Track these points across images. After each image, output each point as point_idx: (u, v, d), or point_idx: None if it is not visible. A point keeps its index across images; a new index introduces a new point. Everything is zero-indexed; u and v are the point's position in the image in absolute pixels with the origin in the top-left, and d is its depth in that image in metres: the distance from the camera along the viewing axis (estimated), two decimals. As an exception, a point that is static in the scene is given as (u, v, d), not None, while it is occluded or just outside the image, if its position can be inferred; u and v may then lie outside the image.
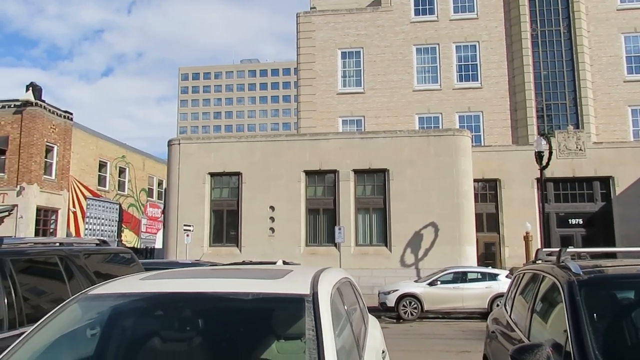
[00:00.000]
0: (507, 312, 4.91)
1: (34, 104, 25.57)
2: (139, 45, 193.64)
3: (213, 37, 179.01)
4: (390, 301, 15.49)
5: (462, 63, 27.91)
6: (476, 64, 27.75)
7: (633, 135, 26.20)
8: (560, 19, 27.34)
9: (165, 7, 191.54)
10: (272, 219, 21.45)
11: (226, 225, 22.15)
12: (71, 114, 28.13)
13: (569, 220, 23.15)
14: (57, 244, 5.66)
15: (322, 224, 21.66)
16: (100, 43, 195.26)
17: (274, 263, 5.47)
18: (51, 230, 26.75)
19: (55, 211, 27.05)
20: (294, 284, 3.02)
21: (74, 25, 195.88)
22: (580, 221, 23.06)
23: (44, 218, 26.45)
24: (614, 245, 21.11)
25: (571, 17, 27.05)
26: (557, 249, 4.07)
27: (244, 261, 13.41)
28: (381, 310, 15.51)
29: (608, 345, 2.98)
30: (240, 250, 21.28)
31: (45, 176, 26.19)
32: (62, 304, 3.00)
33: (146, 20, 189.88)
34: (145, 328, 3.04)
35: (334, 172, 21.65)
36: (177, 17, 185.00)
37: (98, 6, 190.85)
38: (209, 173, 22.34)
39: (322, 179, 21.95)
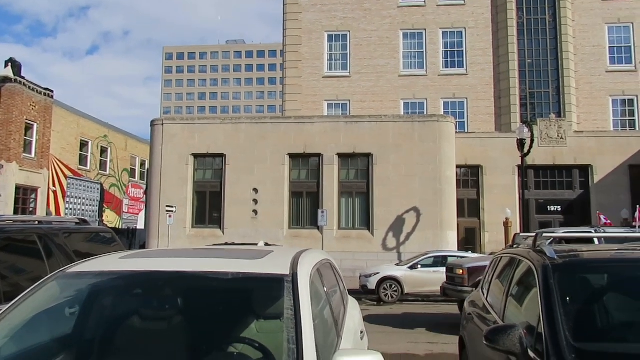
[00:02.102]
0: (483, 295, 5.01)
1: (13, 80, 24.97)
2: (126, 24, 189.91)
3: (202, 18, 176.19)
4: (372, 284, 15.67)
5: (449, 49, 27.93)
6: (462, 51, 27.80)
7: (613, 124, 26.62)
8: (546, 8, 27.46)
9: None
10: (256, 201, 21.43)
11: (209, 206, 22.07)
12: (52, 91, 27.56)
13: (548, 207, 23.54)
14: (37, 223, 5.59)
15: (306, 207, 21.71)
16: (85, 20, 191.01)
17: (256, 245, 5.46)
18: (31, 210, 26.37)
19: (34, 190, 26.65)
20: (274, 265, 3.03)
21: (59, 1, 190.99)
22: (559, 208, 23.48)
23: (24, 197, 26.05)
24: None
25: (557, 6, 27.18)
26: (534, 234, 4.15)
27: (226, 242, 13.42)
28: (362, 293, 15.68)
29: (579, 327, 3.06)
30: (223, 232, 21.25)
31: (24, 154, 25.71)
32: (39, 282, 2.98)
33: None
34: (124, 307, 3.03)
35: (319, 155, 21.65)
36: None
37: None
38: (193, 154, 22.17)
39: (306, 162, 21.94)
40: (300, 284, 2.72)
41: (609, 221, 17.60)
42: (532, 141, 19.40)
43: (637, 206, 18.41)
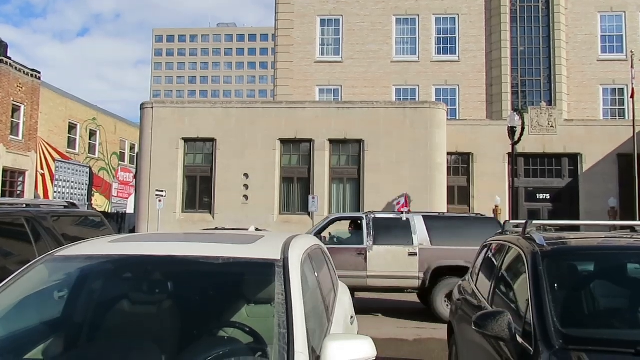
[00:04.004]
0: (473, 281, 5.05)
1: (-1, 60, 24.54)
2: (118, 6, 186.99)
3: (195, 0, 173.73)
4: (361, 270, 15.74)
5: (441, 35, 27.83)
6: (455, 37, 27.71)
7: (603, 113, 26.78)
8: (540, -5, 27.38)
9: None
10: (246, 186, 21.37)
11: (199, 191, 21.98)
12: (39, 72, 27.15)
13: (537, 195, 23.74)
14: (24, 205, 5.53)
15: (297, 192, 21.70)
16: (77, 1, 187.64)
17: (247, 230, 5.46)
18: (18, 193, 26.12)
19: (22, 173, 26.37)
20: (265, 249, 3.03)
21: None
22: (548, 196, 23.68)
23: (11, 180, 25.77)
24: (578, 221, 21.81)
25: (550, -7, 27.12)
26: (524, 221, 4.18)
27: (216, 227, 13.39)
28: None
29: (566, 313, 3.11)
30: (214, 217, 21.21)
31: (11, 136, 25.39)
32: (27, 265, 2.95)
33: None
34: (114, 290, 3.02)
35: (310, 141, 21.59)
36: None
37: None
38: (183, 138, 22.00)
39: (297, 148, 21.88)
40: (291, 268, 2.72)
41: (407, 207, 17.35)
42: (522, 129, 19.50)
43: (404, 193, 18.49)
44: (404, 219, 10.33)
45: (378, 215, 10.61)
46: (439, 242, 10.00)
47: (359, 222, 10.53)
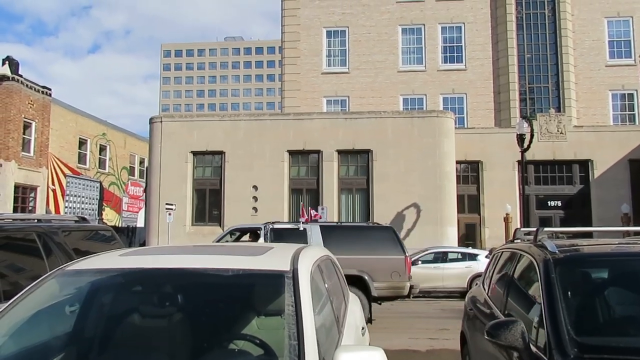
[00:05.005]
0: (484, 290, 5.00)
1: (10, 78, 24.91)
2: (128, 22, 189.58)
3: (203, 15, 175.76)
4: (372, 280, 15.66)
5: (448, 44, 27.87)
6: (461, 46, 27.73)
7: (612, 119, 26.59)
8: (545, 2, 27.39)
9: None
10: (255, 198, 21.41)
11: (209, 204, 22.05)
12: (49, 89, 27.49)
13: (548, 202, 23.54)
14: (36, 221, 5.58)
15: (306, 203, 21.68)
16: (87, 19, 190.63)
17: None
18: (30, 208, 26.35)
19: (34, 189, 26.62)
20: (274, 261, 3.02)
21: (60, 0, 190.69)
22: (559, 203, 23.47)
23: (23, 196, 26.02)
24: (590, 227, 21.56)
25: (556, 0, 27.10)
26: (535, 229, 4.14)
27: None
28: (363, 289, 15.66)
29: (580, 322, 3.06)
30: (223, 230, 21.21)
31: (23, 153, 25.67)
32: (39, 280, 2.97)
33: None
34: (125, 304, 3.02)
35: (318, 152, 21.62)
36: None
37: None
38: (192, 152, 22.14)
39: (305, 159, 21.91)
40: (301, 280, 2.71)
41: (305, 217, 17.04)
42: (531, 136, 19.39)
43: (301, 203, 18.07)
44: (301, 229, 10.56)
45: (276, 226, 10.95)
46: (334, 251, 10.03)
47: (258, 232, 10.85)
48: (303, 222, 11.31)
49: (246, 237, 11.97)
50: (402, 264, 10.40)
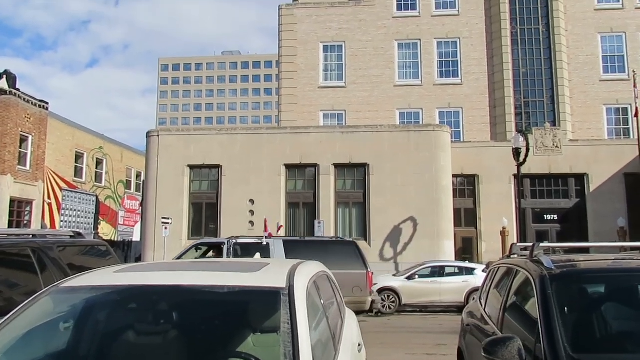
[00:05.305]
0: (481, 306, 4.99)
1: (7, 92, 24.95)
2: (126, 37, 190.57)
3: (202, 30, 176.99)
4: (369, 295, 15.60)
5: (443, 59, 28.10)
6: (457, 60, 27.97)
7: (607, 133, 26.75)
8: (540, 18, 27.70)
9: (154, 0, 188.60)
10: (252, 212, 21.37)
11: (205, 218, 21.99)
12: (47, 103, 27.54)
13: (545, 215, 23.57)
14: (30, 236, 5.55)
15: (302, 217, 21.67)
16: (86, 34, 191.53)
17: (252, 256, 5.44)
18: (25, 222, 26.22)
19: (29, 202, 26.51)
20: (270, 277, 3.01)
21: (60, 15, 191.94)
22: (556, 217, 23.50)
23: (18, 209, 25.90)
24: (587, 241, 21.59)
25: (550, 16, 27.43)
26: (531, 244, 4.14)
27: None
28: (359, 304, 15.60)
29: (577, 338, 3.05)
30: (220, 244, 21.16)
31: (19, 166, 25.62)
32: (32, 297, 2.95)
33: (134, 12, 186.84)
34: (120, 321, 3.00)
35: (315, 165, 21.65)
36: (165, 10, 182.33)
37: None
38: (189, 165, 22.13)
39: (302, 173, 21.93)
40: (297, 296, 2.70)
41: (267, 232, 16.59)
42: (527, 150, 19.47)
43: (265, 218, 17.69)
44: (264, 243, 10.70)
45: (239, 241, 11.06)
46: None
47: (222, 247, 10.95)
48: (266, 237, 11.42)
49: (215, 252, 12.02)
50: (363, 278, 10.47)
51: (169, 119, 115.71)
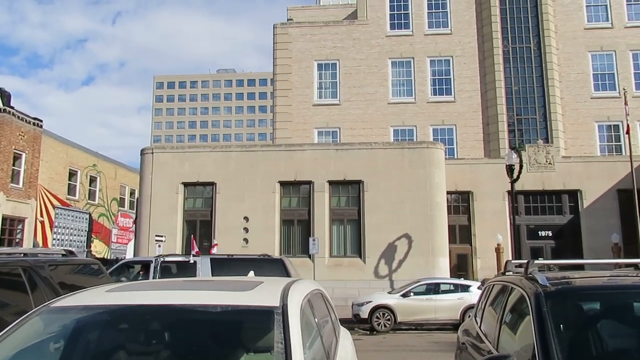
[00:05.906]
0: (477, 324, 4.96)
1: (2, 110, 24.92)
2: (122, 55, 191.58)
3: (197, 48, 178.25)
4: (364, 313, 15.49)
5: (437, 77, 28.37)
6: (450, 78, 28.25)
7: (600, 150, 26.97)
8: (531, 37, 28.10)
9: (150, 19, 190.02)
10: (247, 229, 21.28)
11: (199, 235, 21.85)
12: (41, 120, 27.51)
13: (539, 232, 23.61)
14: (22, 255, 5.49)
15: (297, 235, 21.58)
16: (82, 52, 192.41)
17: (246, 274, 5.39)
18: (17, 240, 25.97)
19: (22, 220, 26.30)
20: (264, 296, 2.99)
21: (57, 34, 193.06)
22: (550, 233, 23.54)
23: (10, 227, 25.68)
24: (581, 257, 21.60)
25: (541, 34, 27.83)
26: (526, 261, 4.13)
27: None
28: (355, 322, 15.48)
29: (573, 355, 3.03)
30: (214, 261, 21.00)
31: (12, 184, 25.47)
32: (22, 317, 2.90)
33: (131, 31, 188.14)
34: (111, 342, 2.96)
35: (309, 183, 21.65)
36: (161, 29, 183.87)
37: (84, 16, 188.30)
38: (183, 183, 22.08)
39: (297, 190, 21.92)
40: (291, 316, 2.68)
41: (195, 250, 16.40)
42: (520, 167, 19.57)
43: (192, 236, 18.19)
44: (192, 261, 10.83)
45: (167, 259, 11.23)
46: None
47: (150, 265, 11.10)
48: (194, 255, 11.55)
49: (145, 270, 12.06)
50: None
51: (163, 136, 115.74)
